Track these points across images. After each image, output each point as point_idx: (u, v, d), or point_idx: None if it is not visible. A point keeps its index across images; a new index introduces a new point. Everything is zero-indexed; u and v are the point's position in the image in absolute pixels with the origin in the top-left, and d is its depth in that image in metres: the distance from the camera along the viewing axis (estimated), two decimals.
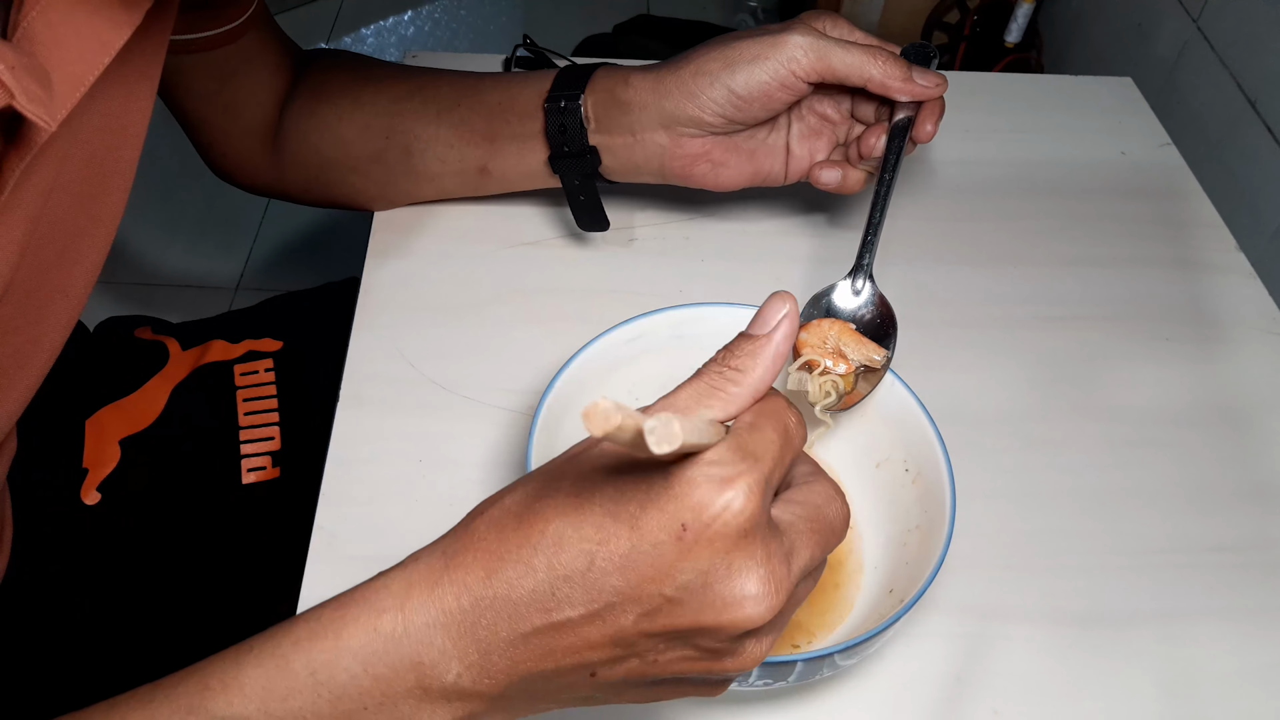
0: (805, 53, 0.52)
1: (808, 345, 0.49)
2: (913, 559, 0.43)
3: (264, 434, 0.65)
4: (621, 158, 0.57)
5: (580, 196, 0.60)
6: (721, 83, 0.53)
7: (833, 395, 0.48)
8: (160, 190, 1.66)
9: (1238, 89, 1.08)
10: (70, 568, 0.60)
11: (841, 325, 0.50)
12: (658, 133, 0.55)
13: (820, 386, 0.48)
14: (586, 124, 0.56)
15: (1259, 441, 0.57)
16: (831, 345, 0.49)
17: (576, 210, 0.61)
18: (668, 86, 0.54)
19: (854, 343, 0.49)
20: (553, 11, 2.14)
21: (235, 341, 0.67)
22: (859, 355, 0.49)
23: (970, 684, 0.46)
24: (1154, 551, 0.52)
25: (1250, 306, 0.64)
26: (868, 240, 0.52)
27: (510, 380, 0.56)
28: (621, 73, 0.56)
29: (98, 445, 0.62)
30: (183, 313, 0.73)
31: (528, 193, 0.63)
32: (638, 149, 0.56)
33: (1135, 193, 0.71)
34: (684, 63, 0.54)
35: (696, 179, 0.57)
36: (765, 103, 0.53)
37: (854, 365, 0.49)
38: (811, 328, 0.50)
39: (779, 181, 0.59)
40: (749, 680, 0.39)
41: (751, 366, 0.33)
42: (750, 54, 0.53)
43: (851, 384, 0.49)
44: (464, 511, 0.49)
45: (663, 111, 0.54)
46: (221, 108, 0.60)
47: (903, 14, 1.66)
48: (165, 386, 0.65)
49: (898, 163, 0.54)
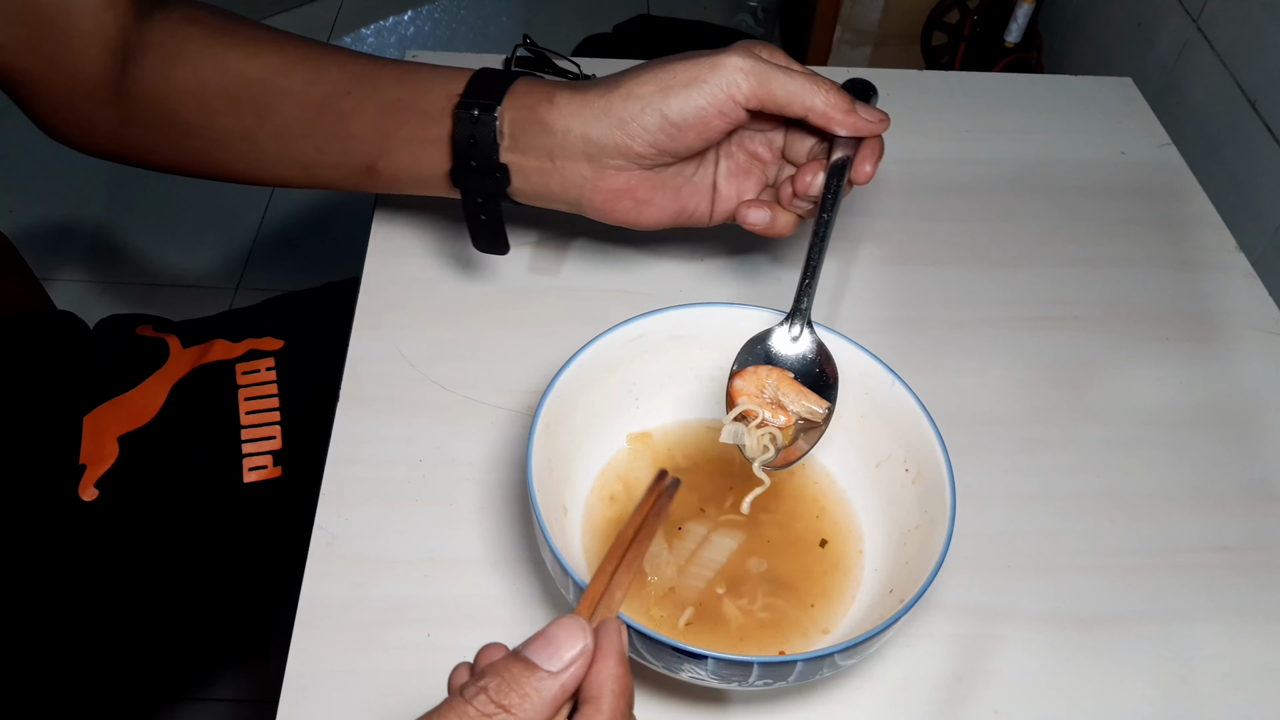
0: (746, 77, 0.48)
1: (744, 394, 0.46)
2: (913, 559, 0.43)
3: (265, 433, 0.64)
4: (535, 182, 0.52)
5: (481, 216, 0.55)
6: (655, 108, 0.49)
7: (770, 451, 0.45)
8: (160, 190, 1.66)
9: (1238, 89, 1.08)
10: (67, 563, 0.60)
11: (780, 373, 0.47)
12: (580, 162, 0.51)
13: (759, 440, 0.45)
14: (499, 139, 0.51)
15: (1259, 441, 0.57)
16: (770, 395, 0.46)
17: (475, 229, 0.56)
18: (595, 111, 0.49)
19: (793, 393, 0.47)
20: (553, 11, 2.14)
21: (237, 340, 0.67)
22: (799, 407, 0.46)
23: (970, 684, 0.46)
24: (1154, 551, 0.52)
25: (1250, 306, 0.64)
26: (805, 284, 0.48)
27: (510, 380, 0.56)
28: (545, 88, 0.51)
29: (95, 442, 0.62)
30: (183, 312, 0.73)
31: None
32: (554, 176, 0.51)
33: (1135, 193, 0.71)
34: (614, 86, 0.50)
35: (616, 216, 0.53)
36: (701, 131, 0.49)
37: (793, 417, 0.46)
38: (748, 374, 0.47)
39: (703, 222, 0.55)
40: (749, 680, 0.39)
41: (526, 710, 0.28)
42: (686, 77, 0.49)
43: (790, 437, 0.46)
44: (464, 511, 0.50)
45: (588, 138, 0.50)
46: (44, 60, 0.54)
47: (903, 14, 1.66)
48: (164, 384, 0.65)
49: (835, 203, 0.50)
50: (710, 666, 0.38)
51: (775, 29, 2.00)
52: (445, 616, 0.47)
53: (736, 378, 0.48)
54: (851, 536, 0.48)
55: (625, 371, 0.49)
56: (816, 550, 0.48)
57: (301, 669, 0.45)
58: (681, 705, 0.45)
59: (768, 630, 0.45)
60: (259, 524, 0.64)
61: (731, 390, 0.47)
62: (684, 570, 0.46)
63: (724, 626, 0.45)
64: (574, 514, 0.47)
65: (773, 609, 0.45)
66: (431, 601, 0.47)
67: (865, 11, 1.66)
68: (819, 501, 0.49)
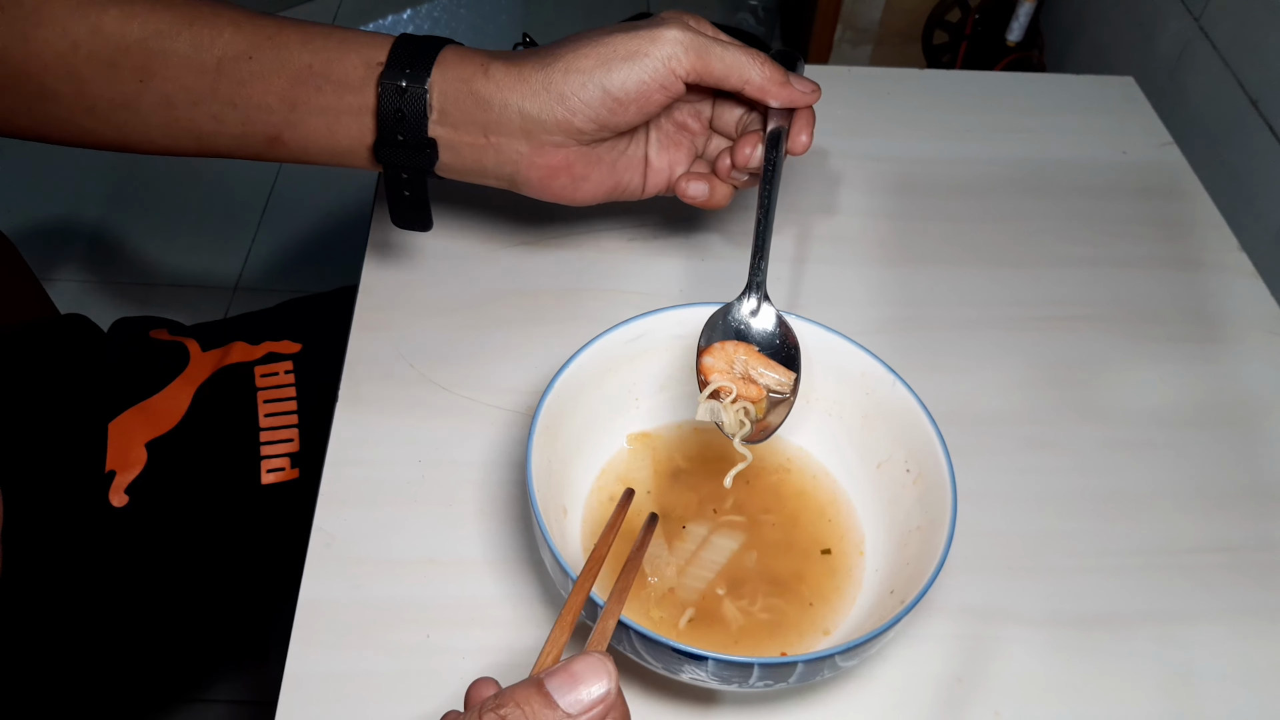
0: (685, 50, 0.48)
1: (715, 370, 0.46)
2: (913, 560, 0.43)
3: (284, 435, 0.64)
4: (466, 158, 0.50)
5: (405, 192, 0.52)
6: (596, 82, 0.48)
7: (747, 425, 0.45)
8: (159, 189, 1.66)
9: (1239, 88, 1.08)
10: (96, 569, 0.60)
11: (747, 348, 0.47)
12: (517, 138, 0.49)
13: (735, 415, 0.46)
14: (428, 113, 0.48)
15: (1260, 442, 0.57)
16: (740, 370, 0.46)
17: (397, 205, 0.53)
18: (534, 86, 0.48)
19: (761, 365, 0.47)
20: (553, 11, 2.14)
21: (255, 343, 0.67)
22: (768, 380, 0.47)
23: (971, 685, 0.46)
24: (1154, 552, 0.51)
25: (1252, 306, 0.64)
26: (757, 258, 0.49)
27: (510, 380, 0.56)
28: (477, 59, 0.49)
29: (123, 448, 0.62)
30: (182, 312, 0.73)
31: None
32: (489, 153, 0.49)
33: (1136, 192, 0.71)
34: (551, 59, 0.48)
35: (552, 192, 0.52)
36: (641, 105, 0.49)
37: (763, 390, 0.46)
38: (716, 351, 0.47)
39: (636, 196, 0.55)
40: (750, 681, 0.39)
41: None
42: (627, 50, 0.48)
43: (763, 410, 0.46)
44: (464, 511, 0.50)
45: (525, 114, 0.48)
46: None
47: (904, 13, 1.66)
48: (188, 388, 0.65)
49: (775, 173, 0.50)
50: (711, 668, 0.38)
51: (776, 28, 2.00)
52: (444, 617, 0.47)
53: (705, 355, 0.47)
54: (852, 537, 0.48)
55: (625, 371, 0.49)
56: (817, 551, 0.47)
57: (301, 670, 0.45)
58: (682, 706, 0.45)
59: (768, 631, 0.44)
60: (275, 525, 0.64)
61: (702, 368, 0.47)
62: (684, 571, 0.46)
63: (724, 627, 0.45)
64: (574, 514, 0.47)
65: (773, 610, 0.45)
66: (430, 602, 0.47)
67: (866, 10, 1.66)
68: (819, 502, 0.49)
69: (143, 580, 0.61)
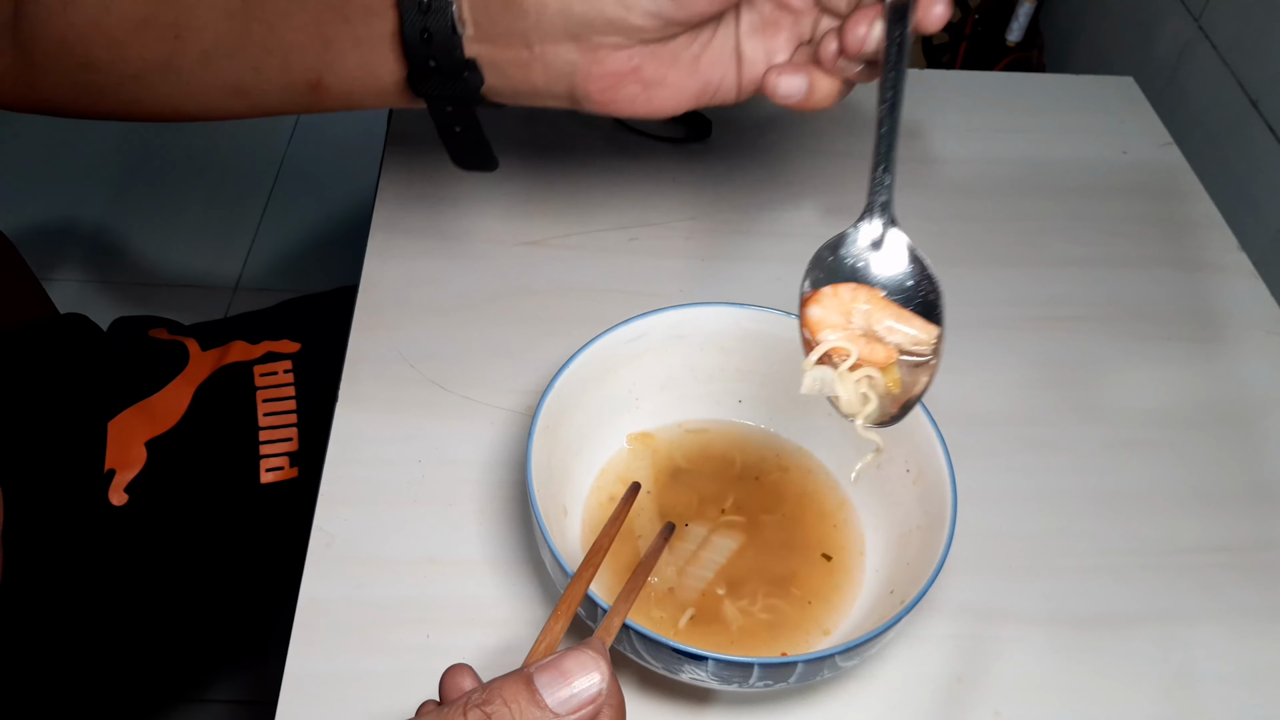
0: None
1: (825, 324, 0.35)
2: (913, 560, 0.43)
3: (283, 434, 0.64)
4: (513, 78, 0.42)
5: (456, 128, 0.45)
6: None
7: (873, 401, 0.35)
8: (159, 189, 1.66)
9: (1239, 88, 1.08)
10: (96, 568, 0.60)
11: (870, 292, 0.35)
12: (565, 45, 0.40)
13: (855, 387, 0.35)
14: (460, 28, 0.40)
15: (1259, 442, 0.57)
16: (860, 324, 0.35)
17: (452, 145, 0.46)
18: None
19: (890, 317, 0.35)
20: None
21: (254, 343, 0.67)
22: (900, 336, 0.35)
23: (971, 685, 0.46)
24: (1154, 551, 0.51)
25: (1252, 307, 0.64)
26: (880, 168, 0.37)
27: (510, 380, 0.56)
28: None
29: (123, 447, 0.62)
30: (182, 312, 0.73)
31: (528, 191, 0.62)
32: (536, 68, 0.41)
33: (1136, 192, 0.71)
34: None
35: (621, 106, 0.42)
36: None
37: (895, 351, 0.35)
38: (826, 298, 0.35)
39: (730, 98, 0.44)
40: (750, 681, 0.39)
41: None
42: None
43: (896, 381, 0.35)
44: (464, 511, 0.49)
45: (569, 14, 0.39)
46: None
47: None
48: (188, 387, 0.65)
49: (901, 60, 0.38)
50: (710, 668, 0.38)
51: None
52: (444, 617, 0.47)
53: (810, 303, 0.36)
54: (852, 537, 0.48)
55: (625, 371, 0.49)
56: (817, 551, 0.47)
57: (300, 669, 0.45)
58: (681, 705, 0.45)
59: (768, 631, 0.44)
60: (274, 524, 0.64)
61: (808, 322, 0.35)
62: (684, 571, 0.46)
63: (724, 627, 0.45)
64: (574, 514, 0.47)
65: (773, 610, 0.45)
66: (431, 602, 0.47)
67: None
68: (819, 502, 0.49)
69: (142, 579, 0.61)
